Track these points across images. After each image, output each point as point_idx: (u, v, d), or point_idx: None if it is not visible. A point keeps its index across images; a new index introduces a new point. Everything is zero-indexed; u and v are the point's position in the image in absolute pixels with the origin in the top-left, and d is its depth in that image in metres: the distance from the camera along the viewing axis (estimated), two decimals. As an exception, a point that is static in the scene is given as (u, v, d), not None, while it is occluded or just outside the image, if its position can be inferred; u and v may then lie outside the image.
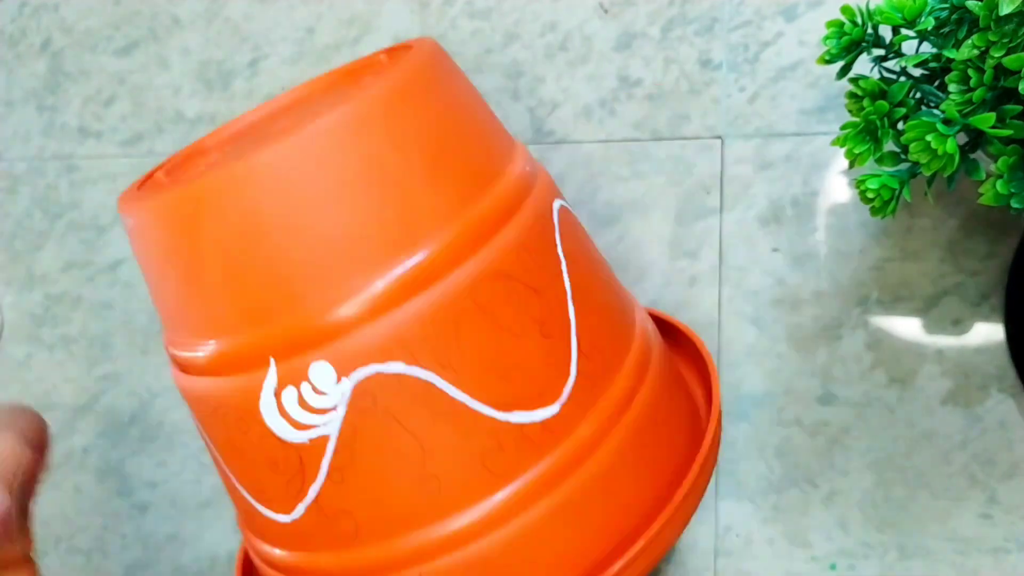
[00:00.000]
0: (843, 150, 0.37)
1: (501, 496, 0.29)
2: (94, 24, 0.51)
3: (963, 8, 0.33)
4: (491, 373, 0.29)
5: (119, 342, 0.55)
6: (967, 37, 0.33)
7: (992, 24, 0.31)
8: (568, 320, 0.31)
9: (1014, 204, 0.34)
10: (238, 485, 0.32)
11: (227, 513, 0.57)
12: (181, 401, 0.55)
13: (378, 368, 0.28)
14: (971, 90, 0.33)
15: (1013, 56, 0.31)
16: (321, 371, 0.28)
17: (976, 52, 0.32)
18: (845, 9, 0.36)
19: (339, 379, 0.28)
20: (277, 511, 0.31)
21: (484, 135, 0.32)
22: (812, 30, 0.46)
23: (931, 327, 0.45)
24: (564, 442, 0.30)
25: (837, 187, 0.46)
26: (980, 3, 0.32)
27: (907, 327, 0.46)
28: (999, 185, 0.33)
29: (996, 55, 0.32)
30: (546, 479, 0.30)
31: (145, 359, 0.55)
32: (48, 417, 0.56)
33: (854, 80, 0.37)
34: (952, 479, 0.45)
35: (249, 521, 0.33)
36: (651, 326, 0.38)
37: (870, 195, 0.36)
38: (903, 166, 0.36)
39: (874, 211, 0.37)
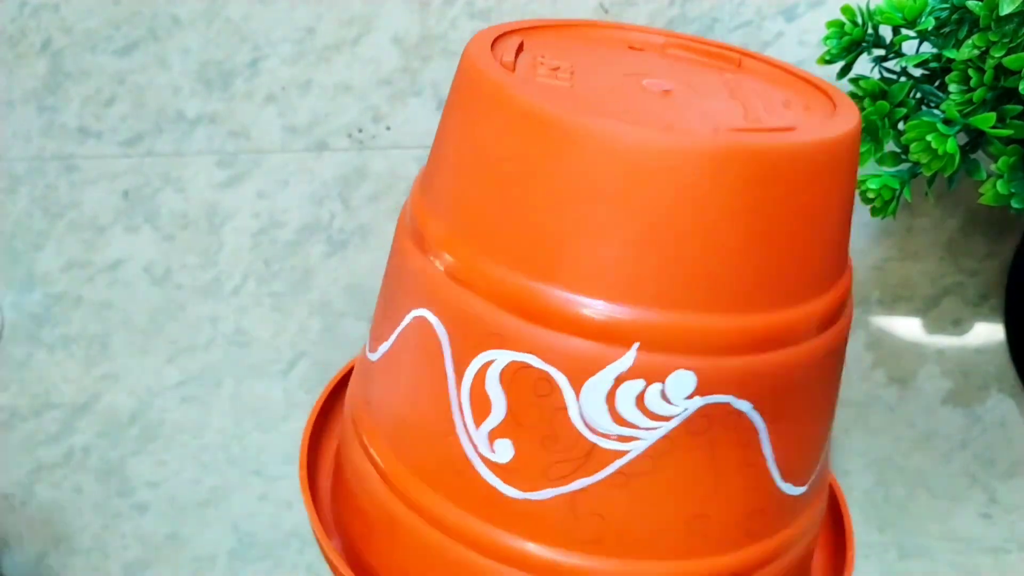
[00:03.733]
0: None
1: (743, 554, 0.29)
2: (94, 24, 0.51)
3: (963, 8, 0.33)
4: (794, 442, 0.29)
5: (119, 342, 0.55)
6: (967, 37, 0.33)
7: (992, 24, 0.31)
8: (835, 407, 0.33)
9: (1014, 204, 0.34)
10: (465, 438, 0.29)
11: (227, 513, 0.57)
12: (181, 401, 0.56)
13: (731, 400, 0.27)
14: (971, 90, 0.33)
15: (1013, 56, 0.31)
16: (683, 380, 0.26)
17: (976, 52, 0.32)
18: (845, 9, 0.36)
19: (693, 395, 0.26)
20: (510, 483, 0.28)
21: (852, 211, 0.32)
22: (812, 30, 0.46)
23: (931, 327, 0.45)
24: (798, 518, 0.31)
25: (837, 187, 0.46)
26: (980, 3, 0.32)
27: (907, 327, 0.46)
28: (999, 185, 0.34)
29: (996, 55, 0.32)
30: (777, 549, 0.30)
31: (145, 359, 0.55)
32: (48, 417, 0.56)
33: (855, 80, 0.36)
34: (952, 479, 0.45)
35: (429, 467, 0.30)
36: None
37: (871, 195, 0.36)
38: (904, 166, 0.36)
39: (875, 211, 0.37)
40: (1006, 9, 0.30)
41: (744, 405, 0.27)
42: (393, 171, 0.51)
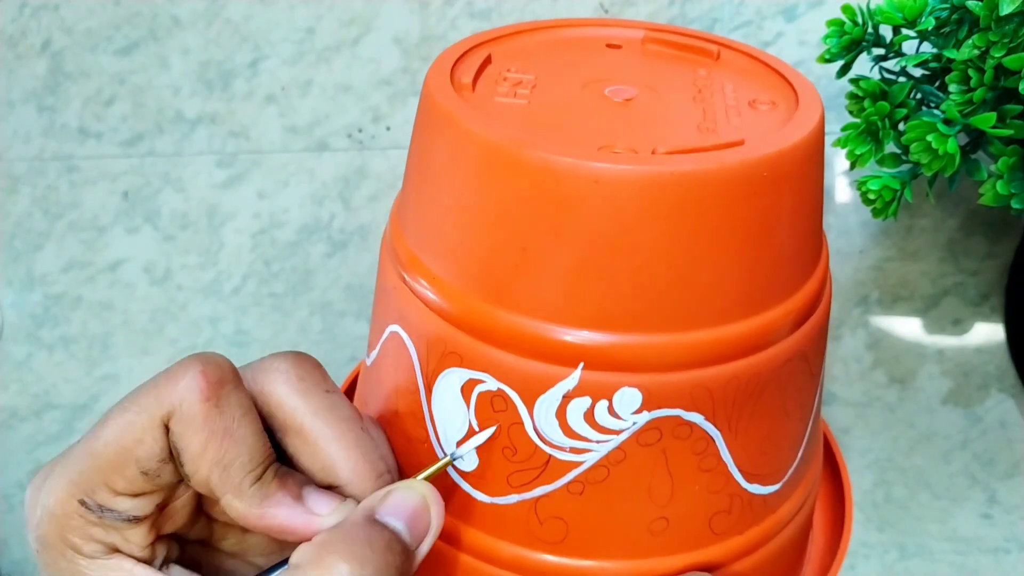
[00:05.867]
0: (843, 151, 0.37)
1: (708, 552, 0.30)
2: (94, 24, 0.51)
3: (963, 8, 0.33)
4: (756, 446, 0.29)
5: (119, 342, 0.55)
6: (967, 37, 0.33)
7: (992, 24, 0.31)
8: (813, 406, 0.32)
9: (1014, 204, 0.34)
10: (438, 446, 0.30)
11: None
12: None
13: (680, 413, 0.27)
14: (971, 90, 0.33)
15: (1013, 56, 0.31)
16: (628, 397, 0.27)
17: (976, 52, 0.32)
18: (846, 8, 0.36)
19: (640, 410, 0.27)
20: (478, 488, 0.29)
21: (822, 200, 0.32)
22: (812, 30, 0.46)
23: (931, 327, 0.45)
24: (770, 516, 0.31)
25: (837, 187, 0.46)
26: (980, 3, 0.32)
27: (907, 327, 0.46)
28: (999, 185, 0.34)
29: (996, 55, 0.32)
30: (747, 545, 0.31)
31: (145, 359, 0.55)
32: (48, 417, 0.56)
33: (855, 81, 0.37)
34: (952, 479, 0.45)
35: (412, 469, 0.31)
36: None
37: (871, 196, 0.36)
38: (904, 167, 0.36)
39: (876, 212, 0.37)
40: (1006, 9, 0.30)
41: (695, 417, 0.27)
42: (393, 171, 0.51)
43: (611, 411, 0.27)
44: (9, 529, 0.57)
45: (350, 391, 0.42)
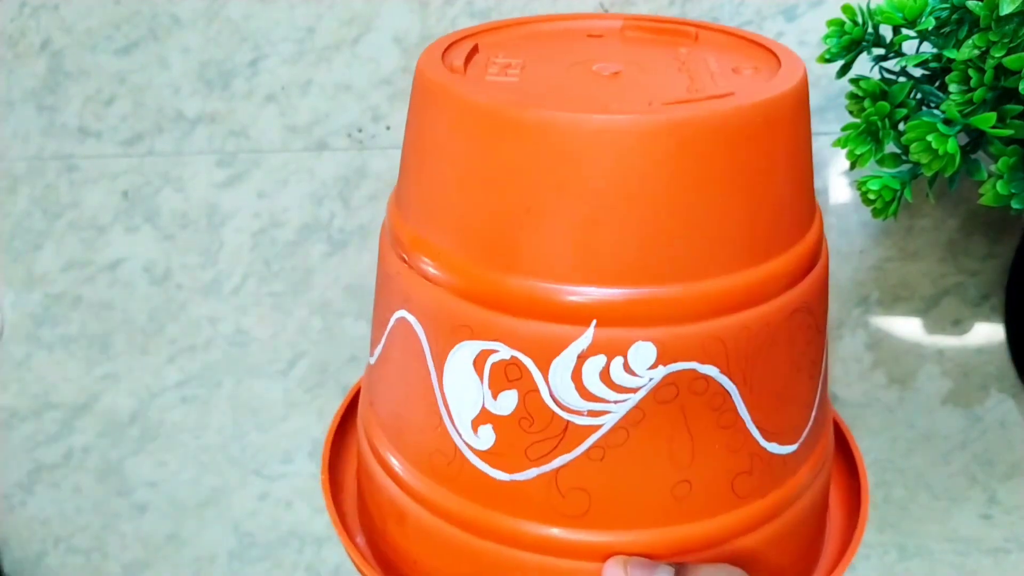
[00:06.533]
0: (843, 150, 0.37)
1: (733, 516, 0.30)
2: (94, 24, 0.51)
3: (963, 8, 0.33)
4: (772, 401, 0.29)
5: (119, 342, 0.55)
6: (967, 37, 0.33)
7: (993, 24, 0.31)
8: (822, 364, 0.33)
9: (1014, 204, 0.34)
10: (452, 428, 0.30)
11: (227, 513, 0.57)
12: (181, 401, 0.56)
13: (696, 366, 0.27)
14: (972, 90, 0.33)
15: (1013, 56, 0.31)
16: (643, 352, 0.27)
17: (977, 52, 0.32)
18: (846, 8, 0.36)
19: (656, 365, 0.27)
20: (496, 467, 0.29)
21: (811, 166, 0.32)
22: (812, 30, 0.46)
23: (931, 327, 0.45)
24: (790, 478, 0.31)
25: (837, 187, 0.46)
26: (981, 3, 0.32)
27: (907, 327, 0.46)
28: (999, 185, 0.33)
29: (996, 55, 0.32)
30: (771, 509, 0.31)
31: (145, 359, 0.55)
32: (48, 417, 0.56)
33: (855, 81, 0.36)
34: (952, 479, 0.45)
35: (425, 459, 0.31)
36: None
37: (872, 196, 0.36)
38: (904, 167, 0.36)
39: (876, 212, 0.37)
40: (1006, 9, 0.30)
41: (710, 370, 0.28)
42: (393, 171, 0.51)
43: (627, 368, 0.27)
44: (9, 529, 0.57)
45: (352, 406, 0.42)
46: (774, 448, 0.30)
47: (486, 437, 0.29)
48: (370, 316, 0.53)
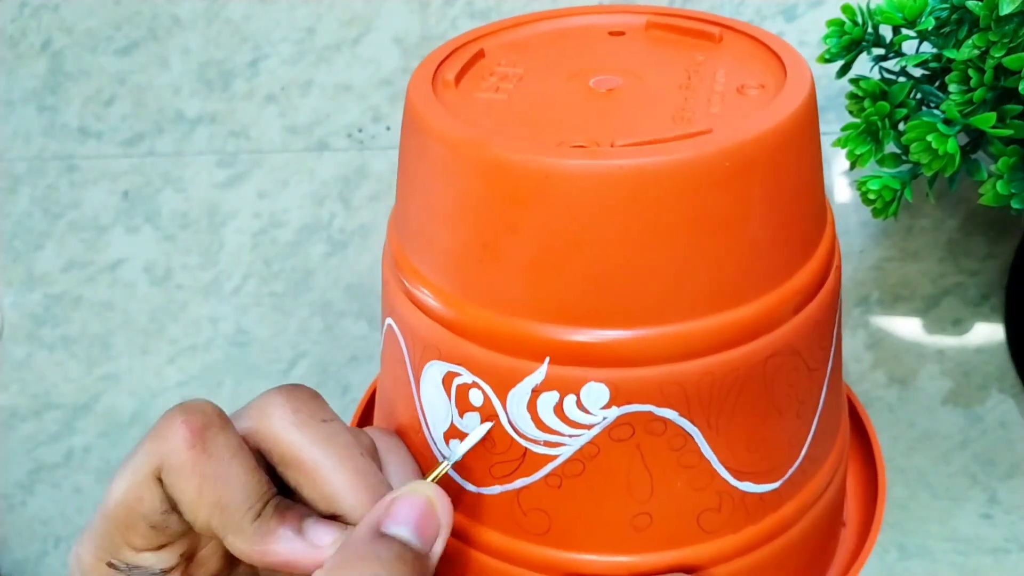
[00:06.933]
0: (843, 151, 0.37)
1: (698, 550, 0.29)
2: (94, 24, 0.51)
3: (963, 8, 0.33)
4: (743, 443, 0.29)
5: (119, 342, 0.55)
6: (967, 37, 0.33)
7: (992, 24, 0.31)
8: (818, 403, 0.31)
9: (1014, 204, 0.34)
10: (429, 437, 0.30)
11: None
12: (181, 401, 0.56)
13: (652, 409, 0.27)
14: (971, 90, 0.33)
15: (1013, 56, 0.31)
16: (596, 392, 0.27)
17: (976, 52, 0.32)
18: (846, 8, 0.36)
19: (610, 405, 0.27)
20: (466, 479, 0.30)
21: (819, 192, 0.31)
22: (812, 30, 0.46)
23: (931, 327, 0.45)
24: (769, 516, 0.31)
25: (837, 187, 0.46)
26: (980, 3, 0.32)
27: (907, 327, 0.46)
28: (999, 185, 0.34)
29: (996, 55, 0.32)
30: (744, 544, 0.30)
31: (145, 359, 0.55)
32: (48, 417, 0.56)
33: (855, 81, 0.37)
34: (952, 479, 0.45)
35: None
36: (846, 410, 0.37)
37: (871, 196, 0.36)
38: (904, 167, 0.36)
39: (876, 212, 0.37)
40: (1006, 9, 0.30)
41: (669, 413, 0.27)
42: (393, 171, 0.51)
43: (579, 406, 0.27)
44: (9, 529, 0.57)
45: (370, 405, 0.43)
46: (748, 487, 0.29)
47: (456, 450, 0.30)
48: (370, 316, 0.53)
